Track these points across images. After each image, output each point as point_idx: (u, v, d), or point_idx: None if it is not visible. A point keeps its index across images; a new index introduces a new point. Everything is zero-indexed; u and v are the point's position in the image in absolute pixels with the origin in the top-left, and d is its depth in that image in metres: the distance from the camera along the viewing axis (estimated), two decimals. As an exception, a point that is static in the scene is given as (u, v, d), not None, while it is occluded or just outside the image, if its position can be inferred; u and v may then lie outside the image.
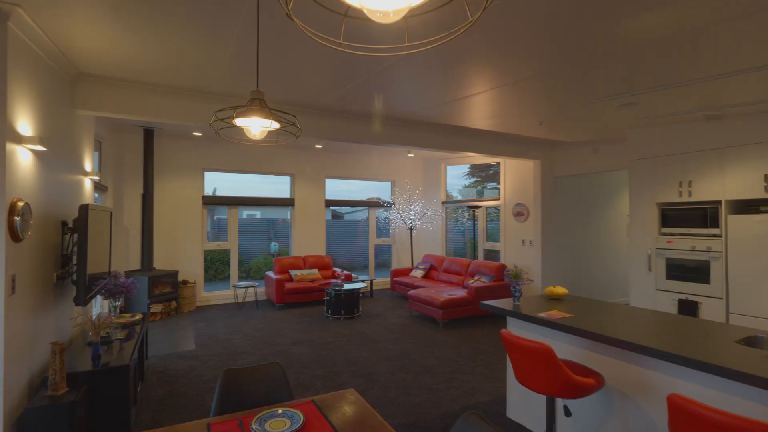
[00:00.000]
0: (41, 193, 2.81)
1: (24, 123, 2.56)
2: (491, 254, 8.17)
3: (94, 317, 3.05)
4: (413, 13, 0.97)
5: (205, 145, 7.09)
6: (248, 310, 6.69)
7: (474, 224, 8.06)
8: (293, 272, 7.21)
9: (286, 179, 8.14)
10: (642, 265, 5.15)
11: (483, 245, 8.14)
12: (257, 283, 7.14)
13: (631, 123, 4.97)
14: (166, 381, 3.83)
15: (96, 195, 5.01)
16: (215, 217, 8.40)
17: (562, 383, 2.05)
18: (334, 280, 7.02)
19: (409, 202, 8.83)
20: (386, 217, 9.06)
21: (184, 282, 6.66)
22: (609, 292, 7.46)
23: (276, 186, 8.20)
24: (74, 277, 3.17)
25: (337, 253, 9.05)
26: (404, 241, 9.12)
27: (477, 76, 3.56)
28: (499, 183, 7.83)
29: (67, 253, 3.21)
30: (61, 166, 3.26)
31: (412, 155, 8.43)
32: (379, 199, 9.03)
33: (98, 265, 3.45)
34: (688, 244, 4.70)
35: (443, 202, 8.88)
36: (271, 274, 7.18)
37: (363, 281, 7.08)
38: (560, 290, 3.19)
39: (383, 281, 8.85)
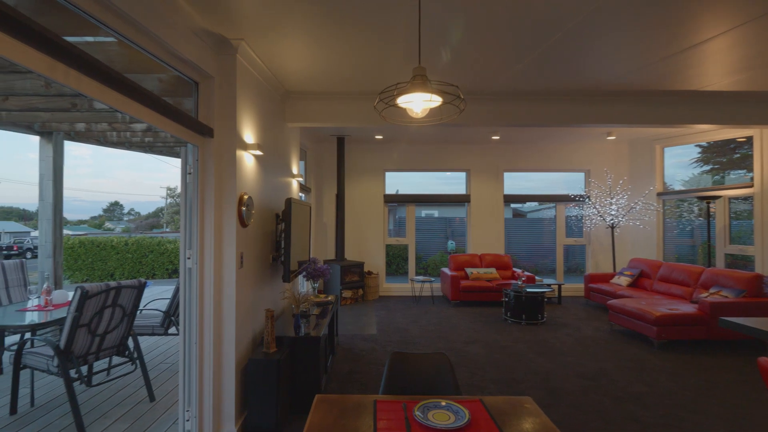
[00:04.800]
0: (260, 189, 3.49)
1: (248, 134, 3.22)
2: (739, 261, 6.00)
3: (297, 294, 3.62)
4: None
5: (385, 147, 7.69)
6: (424, 304, 6.86)
7: (709, 222, 6.10)
8: (469, 270, 7.02)
9: (462, 176, 8.03)
10: None
11: (724, 249, 6.06)
12: (433, 279, 7.26)
13: None
14: (351, 358, 4.23)
15: (301, 195, 6.05)
16: (396, 216, 9.02)
17: None
18: (514, 282, 6.48)
19: (609, 195, 7.40)
20: (579, 214, 7.84)
21: (369, 273, 7.37)
22: None
23: (452, 185, 8.20)
24: (282, 258, 3.83)
25: (517, 254, 8.37)
26: (603, 242, 7.70)
27: (711, 11, 2.59)
28: (752, 166, 5.69)
29: (278, 240, 3.93)
30: (275, 169, 4.01)
31: (612, 137, 7.04)
32: (571, 194, 7.87)
33: (301, 251, 4.10)
34: None
35: (659, 194, 7.07)
36: (446, 270, 7.19)
37: (548, 285, 6.28)
38: None
39: (574, 287, 7.68)
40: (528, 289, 5.70)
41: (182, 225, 2.71)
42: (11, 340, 4.22)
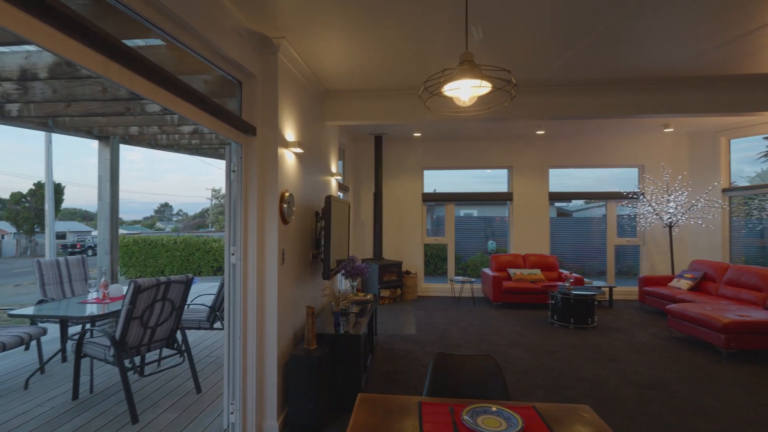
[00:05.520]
0: (300, 187, 3.51)
1: (289, 132, 3.25)
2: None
3: (336, 292, 3.61)
4: None
5: (424, 145, 7.58)
6: (464, 305, 6.68)
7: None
8: (512, 271, 6.76)
9: (502, 176, 7.76)
10: None
11: (803, 250, 5.44)
12: (474, 280, 7.06)
13: None
14: (390, 358, 4.18)
15: (340, 194, 6.08)
16: (434, 216, 8.87)
17: None
18: (560, 283, 6.16)
19: (666, 192, 6.88)
20: (632, 213, 7.34)
21: (407, 272, 7.28)
22: None
23: (492, 184, 7.96)
24: (322, 256, 3.84)
25: (562, 255, 7.97)
26: (659, 242, 7.17)
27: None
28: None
29: (318, 237, 3.94)
30: (314, 167, 4.03)
31: (670, 129, 6.53)
32: (624, 191, 7.37)
33: (340, 249, 4.09)
34: None
35: (725, 190, 6.48)
36: (487, 271, 6.96)
37: (598, 287, 5.92)
38: None
39: (626, 290, 7.20)
40: (576, 291, 5.39)
41: (227, 221, 2.76)
42: (73, 330, 4.52)
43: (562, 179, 7.67)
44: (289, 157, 3.21)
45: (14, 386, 3.39)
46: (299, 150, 3.27)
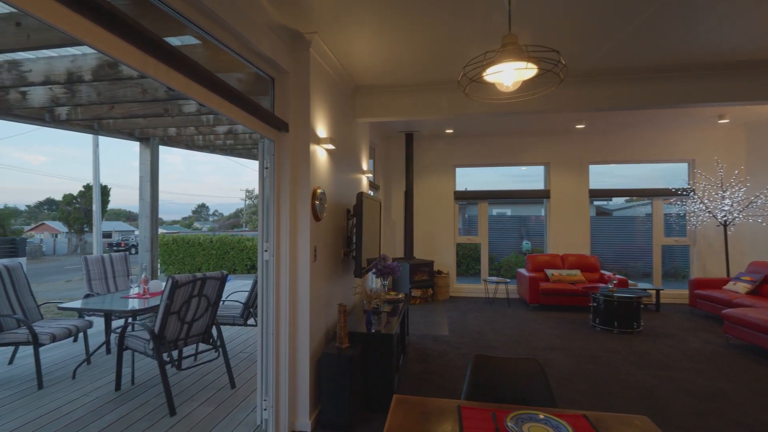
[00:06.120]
0: (332, 184, 3.48)
1: (321, 128, 3.22)
2: None
3: (368, 290, 3.55)
4: None
5: (456, 141, 7.41)
6: (499, 306, 6.47)
7: None
8: (549, 271, 6.49)
9: (537, 174, 7.47)
10: None
11: None
12: (509, 280, 6.82)
13: None
14: (423, 358, 4.08)
15: (370, 192, 6.03)
16: (465, 215, 8.67)
17: None
18: (602, 285, 5.85)
19: (721, 188, 6.38)
20: (681, 211, 6.86)
21: (439, 272, 7.14)
22: None
23: (526, 183, 7.67)
24: (353, 253, 3.80)
25: (603, 256, 7.57)
26: (712, 242, 6.66)
27: None
28: None
29: (349, 235, 3.90)
30: (345, 164, 4.00)
31: (725, 121, 6.05)
32: (672, 187, 6.91)
33: (372, 247, 4.04)
34: None
35: (786, 185, 5.94)
36: (523, 271, 6.71)
37: (644, 290, 5.56)
38: None
39: (674, 293, 6.75)
40: (620, 294, 5.08)
41: (260, 218, 2.77)
42: (117, 323, 4.71)
43: (600, 177, 7.28)
44: (321, 154, 3.19)
45: (64, 375, 3.56)
46: (331, 146, 3.24)
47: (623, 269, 7.53)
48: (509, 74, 1.56)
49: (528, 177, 7.71)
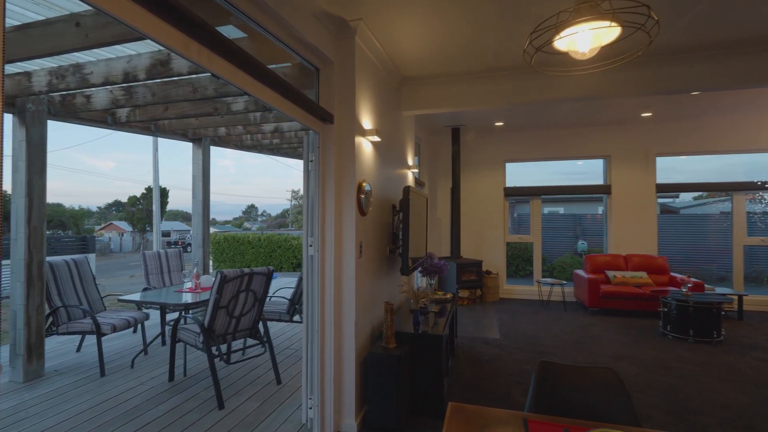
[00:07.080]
0: (377, 178, 3.36)
1: (366, 120, 3.11)
2: None
3: (415, 289, 3.39)
4: None
5: (506, 135, 7.05)
6: (554, 310, 6.05)
7: None
8: (610, 273, 5.97)
9: (594, 169, 6.92)
10: None
11: None
12: (564, 282, 6.37)
13: None
14: (473, 362, 3.85)
15: (416, 188, 5.86)
16: (515, 214, 8.24)
17: None
18: (673, 289, 5.28)
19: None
20: (767, 208, 6.07)
21: (488, 272, 6.81)
22: None
23: (580, 180, 7.11)
24: (400, 250, 3.66)
25: (671, 257, 6.87)
26: (804, 242, 5.82)
27: None
28: None
29: (395, 231, 3.76)
30: (391, 158, 3.86)
31: (820, 103, 5.26)
32: (758, 180, 6.11)
33: (418, 244, 3.87)
34: None
35: None
36: (581, 273, 6.24)
37: (724, 295, 4.95)
38: None
39: (761, 299, 5.97)
40: (696, 299, 4.54)
41: (305, 212, 2.70)
42: (171, 316, 4.90)
43: (664, 173, 6.59)
44: (366, 146, 3.08)
45: (123, 365, 3.72)
46: (376, 138, 3.12)
47: (695, 272, 6.79)
48: (585, 39, 1.33)
49: (582, 174, 7.18)
